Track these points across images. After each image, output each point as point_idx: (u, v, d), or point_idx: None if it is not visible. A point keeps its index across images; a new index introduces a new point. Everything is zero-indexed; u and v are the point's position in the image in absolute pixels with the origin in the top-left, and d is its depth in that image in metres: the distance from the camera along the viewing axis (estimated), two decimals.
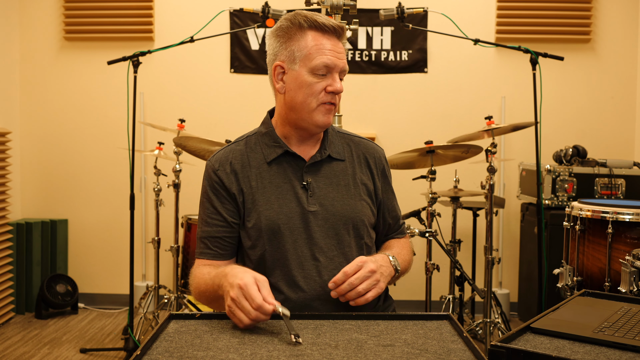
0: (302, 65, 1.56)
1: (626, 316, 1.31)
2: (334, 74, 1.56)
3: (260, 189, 1.60)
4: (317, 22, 1.56)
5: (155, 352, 1.17)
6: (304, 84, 1.56)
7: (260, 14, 3.05)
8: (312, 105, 1.56)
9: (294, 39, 1.57)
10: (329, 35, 1.57)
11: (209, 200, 1.64)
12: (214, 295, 1.48)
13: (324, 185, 1.62)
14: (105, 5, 4.22)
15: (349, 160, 1.67)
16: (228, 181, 1.61)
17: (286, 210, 1.58)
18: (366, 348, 1.20)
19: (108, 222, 4.30)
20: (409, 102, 4.20)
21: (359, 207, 1.63)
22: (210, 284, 1.49)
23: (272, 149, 1.63)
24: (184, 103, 4.23)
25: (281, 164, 1.62)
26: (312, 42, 1.55)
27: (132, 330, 3.23)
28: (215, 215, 1.62)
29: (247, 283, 1.31)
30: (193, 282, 1.60)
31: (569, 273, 2.43)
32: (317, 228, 1.58)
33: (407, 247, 1.76)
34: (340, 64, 1.57)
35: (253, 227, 1.59)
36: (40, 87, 4.29)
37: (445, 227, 3.74)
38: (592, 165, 3.58)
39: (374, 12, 4.07)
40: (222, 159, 1.64)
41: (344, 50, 1.60)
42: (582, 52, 4.17)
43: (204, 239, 1.63)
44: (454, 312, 3.46)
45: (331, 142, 1.67)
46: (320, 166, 1.64)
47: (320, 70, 1.55)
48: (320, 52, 1.55)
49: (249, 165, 1.62)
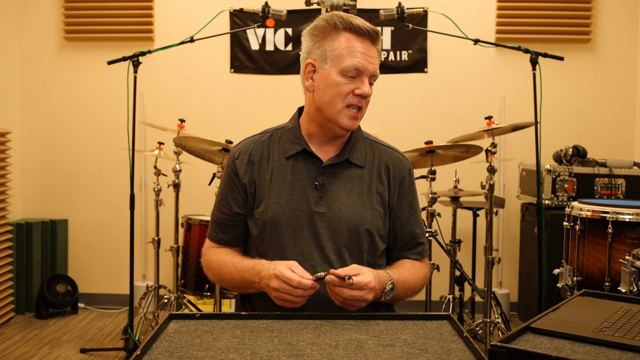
0: (333, 65, 1.57)
1: (626, 316, 1.31)
2: (364, 77, 1.57)
3: (274, 182, 1.63)
4: (352, 23, 1.56)
5: (155, 352, 1.17)
6: (332, 84, 1.57)
7: (260, 14, 3.05)
8: (338, 107, 1.57)
9: (328, 39, 1.58)
10: (362, 39, 1.57)
11: (225, 183, 1.71)
12: (243, 285, 1.60)
13: (336, 189, 1.62)
14: (105, 5, 4.22)
15: (369, 167, 1.66)
16: (242, 171, 1.66)
17: (293, 207, 1.60)
18: (366, 348, 1.20)
19: (108, 222, 4.30)
20: (409, 102, 4.20)
21: (368, 216, 1.62)
22: (239, 277, 1.59)
23: (292, 145, 1.65)
24: (184, 103, 4.23)
25: (298, 162, 1.64)
26: (345, 44, 1.56)
27: (132, 330, 3.23)
28: (224, 202, 1.69)
29: (281, 269, 1.43)
30: (210, 266, 1.69)
31: (569, 273, 2.43)
32: (322, 230, 1.60)
33: (418, 273, 1.67)
34: (370, 68, 1.57)
35: (259, 218, 1.63)
36: (40, 87, 4.29)
37: (445, 227, 3.74)
38: (592, 165, 3.58)
39: (374, 12, 4.06)
40: (243, 149, 1.69)
41: (376, 55, 1.60)
42: (582, 52, 4.17)
43: (215, 222, 1.72)
44: (454, 312, 3.46)
45: (353, 147, 1.66)
46: (337, 169, 1.64)
47: (350, 72, 1.55)
48: (351, 54, 1.55)
49: (268, 157, 1.66)
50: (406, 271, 1.63)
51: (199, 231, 3.34)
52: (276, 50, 4.21)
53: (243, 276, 1.57)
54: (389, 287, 1.52)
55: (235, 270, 1.60)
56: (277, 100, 4.17)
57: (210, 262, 1.69)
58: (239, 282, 1.59)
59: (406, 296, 1.63)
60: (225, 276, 1.63)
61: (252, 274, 1.54)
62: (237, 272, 1.59)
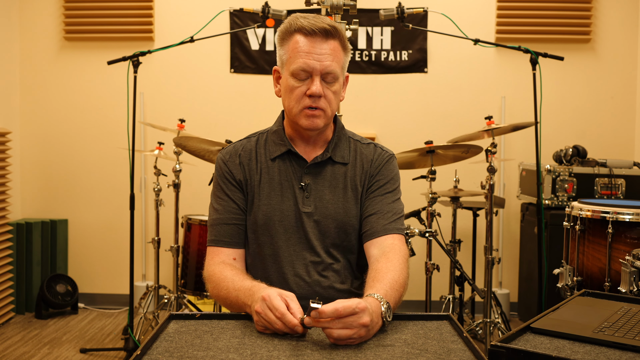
0: (286, 69, 1.58)
1: (626, 316, 1.31)
2: (314, 76, 1.53)
3: (263, 184, 1.63)
4: (301, 24, 1.53)
5: (155, 352, 1.17)
6: (288, 88, 1.57)
7: (260, 14, 3.05)
8: (295, 110, 1.57)
9: (284, 43, 1.59)
10: (311, 37, 1.53)
11: (219, 189, 1.67)
12: (236, 306, 1.48)
13: (321, 188, 1.63)
14: (105, 5, 4.22)
15: (352, 164, 1.67)
16: (236, 171, 1.65)
17: (283, 207, 1.61)
18: (366, 348, 1.20)
19: (108, 222, 4.30)
20: (409, 102, 4.20)
21: (354, 212, 1.63)
22: (233, 296, 1.48)
23: (277, 146, 1.65)
24: (184, 103, 4.23)
25: (284, 163, 1.65)
26: (292, 46, 1.55)
27: (132, 330, 3.23)
28: (224, 202, 1.65)
29: (270, 294, 1.30)
30: (211, 278, 1.58)
31: (569, 273, 2.43)
32: (309, 229, 1.61)
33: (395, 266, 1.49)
34: (318, 67, 1.52)
35: (252, 220, 1.63)
36: (40, 87, 4.29)
37: (445, 227, 3.74)
38: (592, 165, 3.58)
39: (374, 12, 4.07)
40: (232, 152, 1.68)
41: (330, 52, 1.53)
42: (582, 52, 4.17)
43: (215, 226, 1.65)
44: (454, 312, 3.46)
45: (336, 145, 1.67)
46: (321, 168, 1.65)
47: (298, 74, 1.54)
48: (297, 56, 1.53)
49: (256, 160, 1.66)
50: (385, 273, 1.46)
51: (199, 231, 3.34)
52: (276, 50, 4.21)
53: (237, 296, 1.46)
54: (384, 307, 1.32)
55: (233, 288, 1.49)
56: (277, 100, 4.15)
57: (212, 275, 1.59)
58: (232, 301, 1.48)
59: (403, 294, 1.48)
60: (222, 292, 1.53)
61: (246, 295, 1.42)
62: (233, 290, 1.48)
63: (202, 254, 3.34)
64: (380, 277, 1.44)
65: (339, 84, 1.59)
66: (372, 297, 1.33)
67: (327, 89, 1.56)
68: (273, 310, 1.27)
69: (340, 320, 1.20)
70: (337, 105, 1.62)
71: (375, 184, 1.65)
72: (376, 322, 1.27)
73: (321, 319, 1.20)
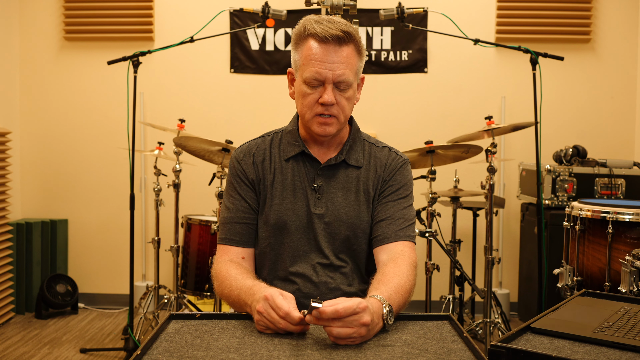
0: (299, 74, 1.56)
1: (626, 316, 1.31)
2: (327, 85, 1.51)
3: (276, 184, 1.63)
4: (314, 30, 1.50)
5: (155, 352, 1.17)
6: (301, 94, 1.56)
7: (260, 14, 3.04)
8: (307, 117, 1.57)
9: (298, 46, 1.57)
10: (325, 44, 1.50)
11: (232, 187, 1.67)
12: (237, 304, 1.48)
13: (334, 190, 1.63)
14: (105, 5, 4.22)
15: (365, 167, 1.66)
16: (249, 170, 1.65)
17: (295, 208, 1.61)
18: (366, 348, 1.20)
19: (108, 222, 4.30)
20: (409, 102, 4.20)
21: (364, 216, 1.62)
22: (235, 295, 1.48)
23: (291, 147, 1.65)
24: (184, 103, 4.23)
25: (298, 163, 1.64)
26: (306, 52, 1.53)
27: (132, 330, 3.23)
28: (237, 201, 1.65)
29: (273, 294, 1.29)
30: (217, 275, 1.58)
31: (569, 273, 2.43)
32: (320, 230, 1.61)
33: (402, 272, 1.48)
34: (330, 76, 1.50)
35: (263, 219, 1.63)
36: (40, 87, 4.29)
37: (445, 227, 3.74)
38: (592, 165, 3.58)
39: (374, 12, 4.07)
40: (246, 151, 1.68)
41: (343, 60, 1.50)
42: (582, 52, 4.17)
43: (226, 224, 1.65)
44: (454, 312, 3.46)
45: (351, 148, 1.66)
46: (335, 170, 1.64)
47: (311, 82, 1.52)
48: (310, 63, 1.51)
49: (270, 159, 1.65)
50: (391, 277, 1.45)
51: (199, 231, 3.34)
52: (276, 50, 4.21)
53: (239, 295, 1.45)
54: (386, 309, 1.31)
55: (235, 286, 1.48)
56: (277, 100, 4.17)
57: (218, 272, 1.58)
58: (234, 299, 1.48)
59: (408, 300, 1.45)
60: (225, 290, 1.53)
61: (247, 295, 1.41)
62: (236, 288, 1.48)
63: (202, 254, 3.34)
64: (386, 280, 1.44)
65: (352, 90, 1.57)
66: (375, 298, 1.32)
67: (340, 96, 1.54)
68: (276, 309, 1.27)
69: (341, 319, 1.20)
70: (350, 110, 1.61)
71: (388, 189, 1.64)
72: (377, 323, 1.27)
73: (322, 318, 1.20)
